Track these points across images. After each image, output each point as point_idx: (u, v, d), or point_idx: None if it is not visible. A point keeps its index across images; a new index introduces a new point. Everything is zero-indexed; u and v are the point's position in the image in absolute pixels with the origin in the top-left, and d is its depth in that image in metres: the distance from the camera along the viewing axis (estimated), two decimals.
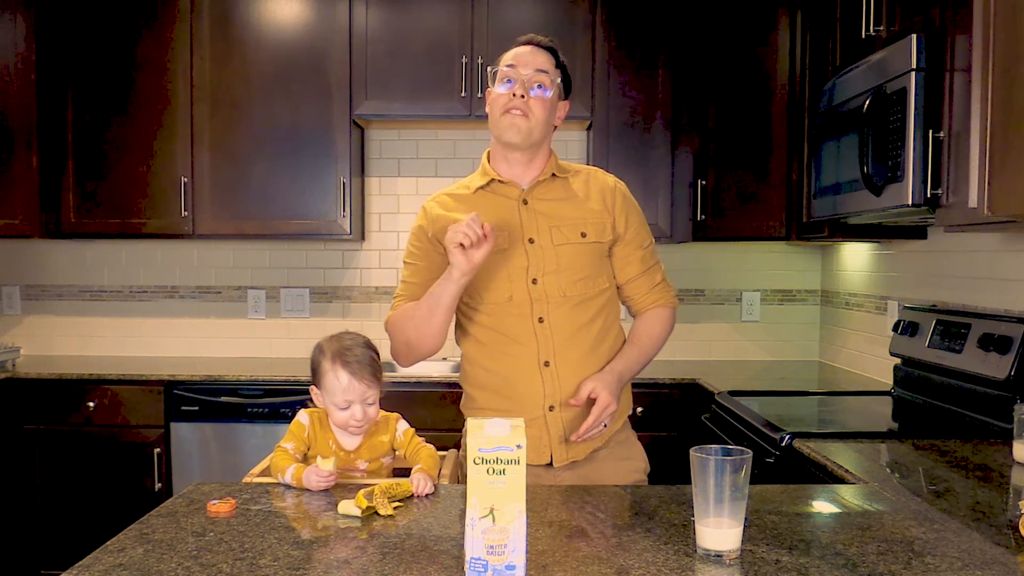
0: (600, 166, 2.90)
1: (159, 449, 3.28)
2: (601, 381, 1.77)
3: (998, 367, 2.19)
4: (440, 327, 1.79)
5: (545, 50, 1.85)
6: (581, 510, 1.47)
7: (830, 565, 1.17)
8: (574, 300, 1.81)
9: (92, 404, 3.29)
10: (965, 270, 2.61)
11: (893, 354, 2.79)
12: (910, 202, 2.14)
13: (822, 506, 1.53)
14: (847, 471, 1.75)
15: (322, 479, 1.54)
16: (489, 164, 1.89)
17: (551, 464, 1.82)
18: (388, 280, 3.85)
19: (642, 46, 3.47)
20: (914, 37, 2.14)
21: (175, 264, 3.90)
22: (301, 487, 1.55)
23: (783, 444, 2.09)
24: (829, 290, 3.76)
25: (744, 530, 1.21)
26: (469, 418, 1.69)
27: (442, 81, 3.47)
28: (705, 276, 3.87)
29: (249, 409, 3.27)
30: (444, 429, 2.31)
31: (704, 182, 3.43)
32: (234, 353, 3.88)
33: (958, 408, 2.37)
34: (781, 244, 3.79)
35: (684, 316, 3.22)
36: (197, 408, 3.27)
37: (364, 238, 3.85)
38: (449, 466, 1.77)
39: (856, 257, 3.46)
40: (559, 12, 3.47)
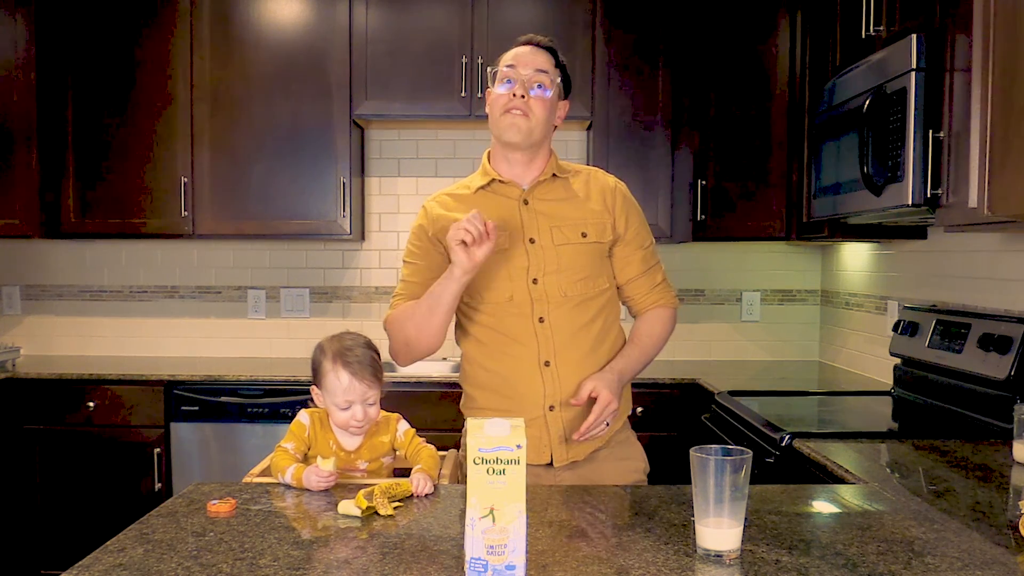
0: (600, 166, 2.91)
1: (159, 449, 3.28)
2: (602, 380, 1.77)
3: (998, 367, 2.19)
4: (440, 326, 1.79)
5: (545, 50, 1.86)
6: (581, 510, 1.47)
7: (830, 565, 1.17)
8: (575, 300, 1.81)
9: (92, 404, 3.29)
10: (965, 270, 2.61)
11: (893, 354, 2.79)
12: (910, 202, 2.14)
13: (822, 506, 1.53)
14: (847, 471, 1.75)
15: (322, 479, 1.54)
16: (489, 164, 1.90)
17: (551, 464, 1.82)
18: (388, 280, 3.85)
19: (642, 46, 3.47)
20: (914, 37, 2.14)
21: (175, 264, 3.90)
22: (301, 487, 1.55)
23: (783, 444, 2.09)
24: (829, 290, 3.76)
25: (744, 530, 1.21)
26: (469, 418, 1.69)
27: (442, 81, 3.47)
28: (705, 276, 3.87)
29: (249, 409, 3.27)
30: (444, 429, 2.32)
31: (704, 182, 3.43)
32: (234, 353, 3.88)
33: (958, 408, 2.37)
34: (781, 244, 3.79)
35: (684, 316, 3.21)
36: (197, 408, 3.27)
37: (364, 238, 3.86)
38: (449, 466, 1.77)
39: (856, 257, 3.46)
40: (559, 12, 3.47)
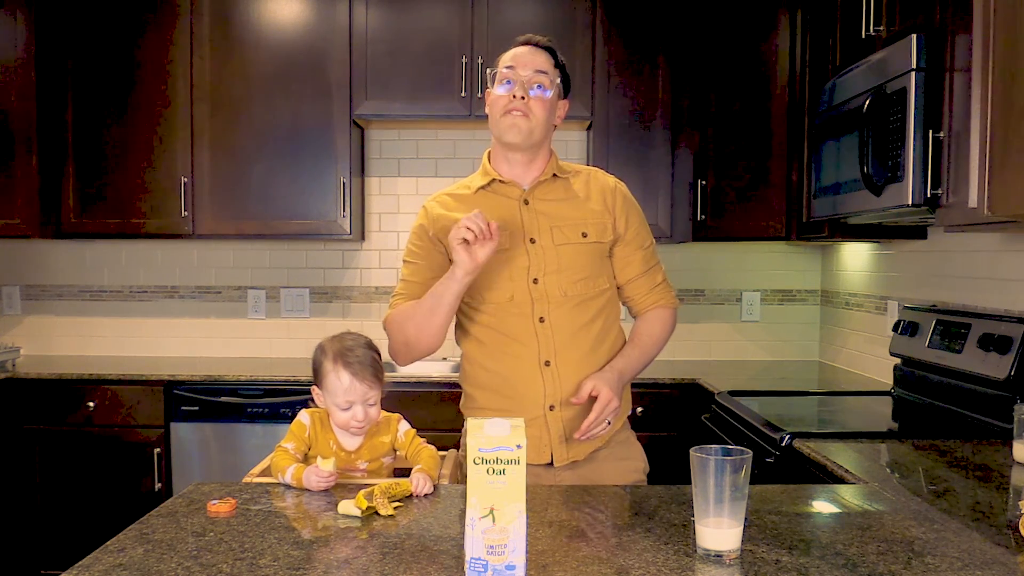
0: (600, 166, 2.91)
1: (159, 449, 3.28)
2: (602, 379, 1.77)
3: (998, 367, 2.19)
4: (441, 327, 1.79)
5: (544, 50, 1.86)
6: (581, 510, 1.47)
7: (830, 565, 1.17)
8: (575, 300, 1.81)
9: (92, 404, 3.29)
10: (965, 270, 2.61)
11: (893, 354, 2.79)
12: (910, 202, 2.14)
13: (822, 506, 1.53)
14: (847, 471, 1.75)
15: (322, 479, 1.54)
16: (490, 164, 1.90)
17: (551, 464, 1.82)
18: (388, 280, 3.85)
19: (642, 46, 3.47)
20: (914, 37, 2.14)
21: (175, 264, 3.90)
22: (301, 487, 1.55)
23: (783, 444, 2.09)
24: (829, 290, 3.76)
25: (744, 530, 1.21)
26: (469, 418, 1.69)
27: (442, 81, 3.47)
28: (705, 276, 3.87)
29: (249, 409, 3.27)
30: (444, 429, 2.31)
31: (704, 182, 3.43)
32: (234, 353, 3.88)
33: (958, 408, 2.37)
34: (781, 244, 3.79)
35: (684, 316, 3.21)
36: (197, 408, 3.27)
37: (364, 238, 3.85)
38: (449, 466, 1.77)
39: (856, 257, 3.46)
40: (559, 12, 3.47)
